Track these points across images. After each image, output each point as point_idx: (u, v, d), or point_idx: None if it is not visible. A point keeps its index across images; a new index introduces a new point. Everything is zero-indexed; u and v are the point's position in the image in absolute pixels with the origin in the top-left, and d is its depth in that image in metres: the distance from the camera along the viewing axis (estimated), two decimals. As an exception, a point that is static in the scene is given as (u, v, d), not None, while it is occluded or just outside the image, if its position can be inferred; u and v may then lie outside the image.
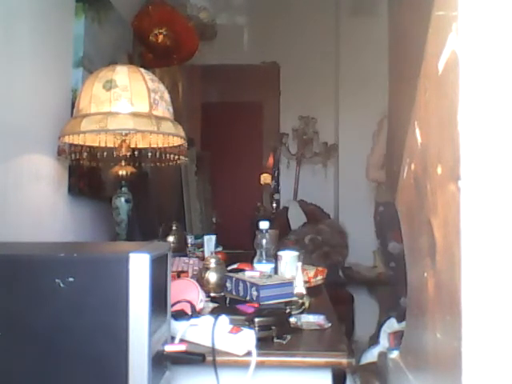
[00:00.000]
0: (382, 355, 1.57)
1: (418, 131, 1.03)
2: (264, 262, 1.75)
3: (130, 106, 1.63)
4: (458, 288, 0.73)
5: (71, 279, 0.81)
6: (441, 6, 0.86)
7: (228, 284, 1.53)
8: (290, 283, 1.48)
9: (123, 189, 1.82)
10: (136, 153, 1.95)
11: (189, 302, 1.26)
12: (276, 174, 4.78)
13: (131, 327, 0.81)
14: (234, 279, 1.51)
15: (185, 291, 1.34)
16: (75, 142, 1.74)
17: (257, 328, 1.16)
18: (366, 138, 3.69)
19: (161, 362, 0.91)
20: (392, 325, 2.15)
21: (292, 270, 1.72)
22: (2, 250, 0.94)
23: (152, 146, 1.80)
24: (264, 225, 1.79)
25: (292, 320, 1.29)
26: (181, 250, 2.37)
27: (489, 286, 0.72)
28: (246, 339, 1.09)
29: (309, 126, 4.52)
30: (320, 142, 4.49)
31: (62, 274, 0.81)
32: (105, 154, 1.84)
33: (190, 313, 1.22)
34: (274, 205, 4.45)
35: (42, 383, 0.82)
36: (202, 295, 1.38)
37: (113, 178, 1.84)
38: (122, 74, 1.67)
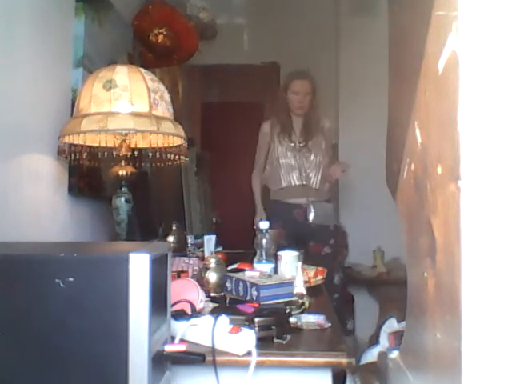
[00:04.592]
0: (382, 355, 1.57)
1: (417, 131, 1.03)
2: (264, 262, 1.75)
3: (130, 106, 1.63)
4: (458, 288, 0.73)
5: (71, 279, 0.81)
6: (441, 6, 0.86)
7: (228, 284, 1.53)
8: (289, 283, 1.48)
9: (123, 189, 1.82)
10: (136, 153, 1.95)
11: (189, 301, 1.26)
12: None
13: (131, 327, 0.81)
14: (234, 279, 1.51)
15: (185, 291, 1.34)
16: (75, 142, 1.74)
17: (257, 328, 1.16)
18: (366, 137, 3.70)
19: (161, 361, 0.91)
20: (392, 325, 2.15)
21: (292, 270, 1.72)
22: (2, 249, 0.94)
23: (152, 146, 1.80)
24: (264, 225, 1.79)
25: (292, 320, 1.29)
26: (181, 250, 2.37)
27: (489, 286, 0.72)
28: (245, 339, 1.09)
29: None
30: (320, 142, 4.48)
31: (62, 274, 0.81)
32: (105, 154, 1.84)
33: (190, 313, 1.22)
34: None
35: (42, 383, 0.82)
36: (202, 295, 1.38)
37: (113, 177, 1.84)
38: (122, 74, 1.67)
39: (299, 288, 1.56)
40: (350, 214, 4.00)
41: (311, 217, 2.98)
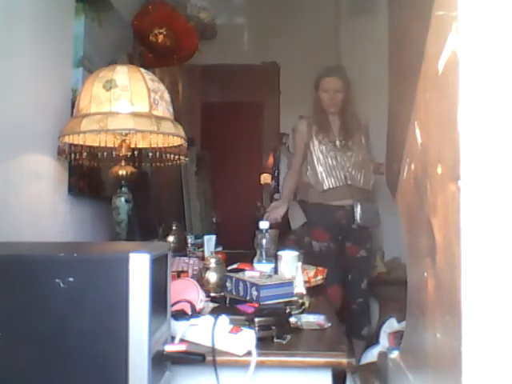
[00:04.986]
0: (382, 355, 1.57)
1: (417, 131, 1.03)
2: (264, 261, 1.75)
3: (130, 106, 1.63)
4: (458, 288, 0.73)
5: (71, 279, 0.81)
6: (441, 6, 0.86)
7: (228, 284, 1.53)
8: (289, 283, 1.48)
9: (123, 189, 1.82)
10: (136, 153, 1.95)
11: (189, 301, 1.26)
12: (276, 174, 4.78)
13: (131, 327, 0.81)
14: (233, 279, 1.51)
15: (185, 291, 1.34)
16: (75, 142, 1.74)
17: (257, 328, 1.16)
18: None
19: (161, 361, 0.91)
20: (392, 325, 2.15)
21: (292, 270, 1.72)
22: (2, 249, 0.94)
23: (152, 146, 1.80)
24: (264, 225, 1.79)
25: (292, 320, 1.29)
26: (181, 250, 2.38)
27: (489, 286, 0.72)
28: (245, 339, 1.09)
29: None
30: (320, 142, 4.47)
31: (62, 273, 0.81)
32: (105, 154, 1.84)
33: (190, 313, 1.22)
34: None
35: (42, 383, 0.82)
36: (202, 295, 1.38)
37: (113, 177, 1.84)
38: (122, 74, 1.67)
39: (299, 288, 1.56)
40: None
41: (359, 218, 2.82)
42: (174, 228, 2.45)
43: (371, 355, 2.15)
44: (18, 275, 0.83)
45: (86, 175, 2.09)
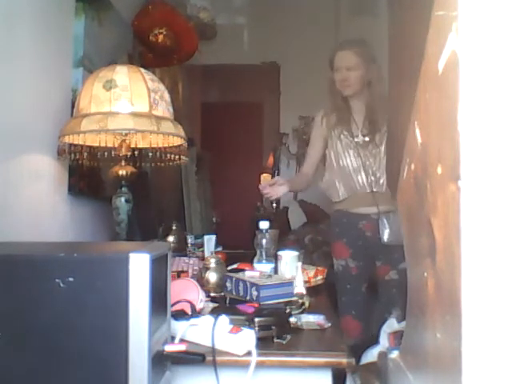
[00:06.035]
0: (382, 355, 1.57)
1: (417, 131, 1.03)
2: (264, 261, 1.76)
3: (130, 106, 1.63)
4: (458, 288, 0.73)
5: (71, 279, 0.81)
6: (441, 6, 0.86)
7: (228, 284, 1.53)
8: (289, 283, 1.48)
9: (123, 189, 1.82)
10: (136, 153, 1.95)
11: (189, 301, 1.26)
12: (276, 174, 4.77)
13: (131, 327, 0.81)
14: (233, 279, 1.51)
15: (185, 291, 1.34)
16: (75, 142, 1.74)
17: (257, 328, 1.16)
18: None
19: (161, 361, 0.91)
20: (392, 325, 2.15)
21: (292, 270, 1.72)
22: (2, 250, 0.94)
23: (152, 146, 1.80)
24: (264, 225, 1.79)
25: (292, 320, 1.29)
26: (181, 250, 2.38)
27: (489, 286, 0.72)
28: (245, 339, 1.09)
29: (309, 125, 4.52)
30: (320, 142, 4.46)
31: (61, 273, 0.81)
32: (105, 154, 1.84)
33: (190, 313, 1.22)
34: (274, 205, 4.43)
35: (41, 383, 0.82)
36: (202, 295, 1.38)
37: (113, 177, 1.84)
38: (122, 74, 1.67)
39: (299, 288, 1.56)
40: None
41: (386, 235, 2.17)
42: (174, 228, 2.45)
43: (371, 355, 2.14)
44: (18, 275, 0.83)
45: (86, 175, 2.09)
